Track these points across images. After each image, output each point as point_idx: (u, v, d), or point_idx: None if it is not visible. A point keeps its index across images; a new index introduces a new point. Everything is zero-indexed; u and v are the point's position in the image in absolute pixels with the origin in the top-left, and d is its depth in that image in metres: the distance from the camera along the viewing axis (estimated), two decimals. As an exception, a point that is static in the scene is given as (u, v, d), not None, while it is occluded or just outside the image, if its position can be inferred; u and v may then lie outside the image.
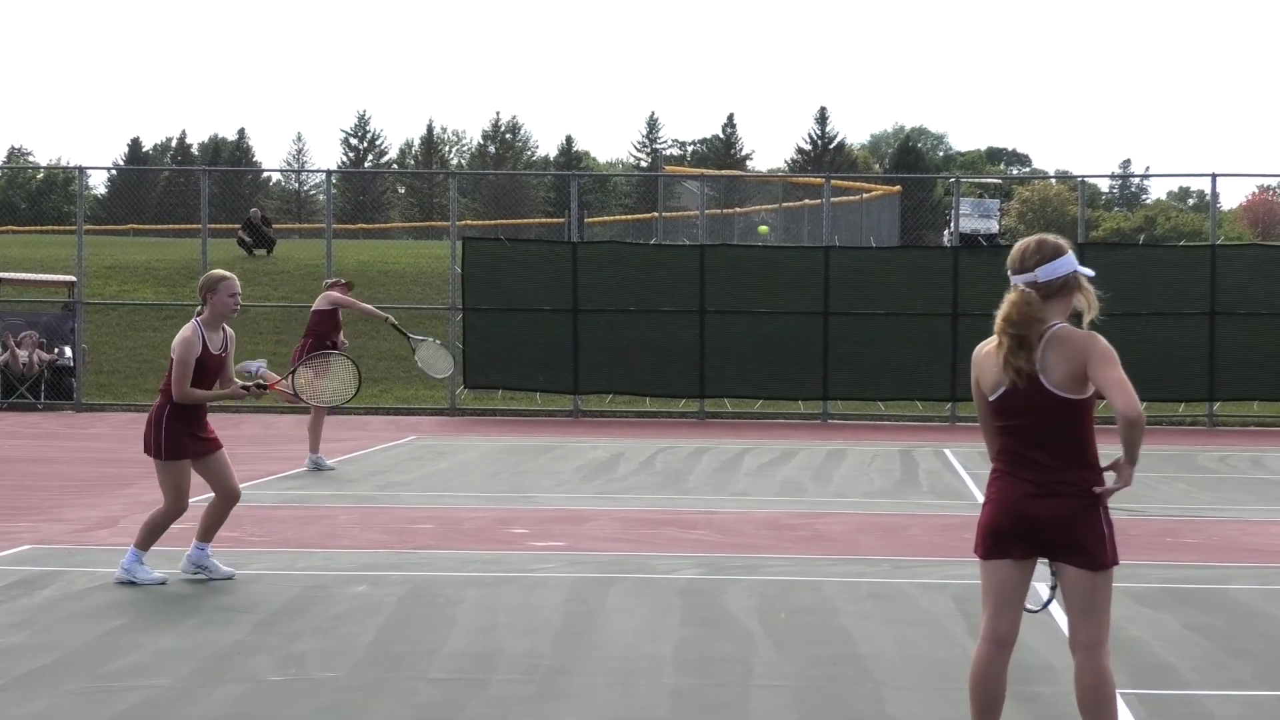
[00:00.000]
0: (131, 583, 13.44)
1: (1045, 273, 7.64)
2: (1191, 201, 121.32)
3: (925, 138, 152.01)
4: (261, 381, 14.06)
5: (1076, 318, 7.70)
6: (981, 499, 7.83)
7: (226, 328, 13.83)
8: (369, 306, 25.28)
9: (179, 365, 13.52)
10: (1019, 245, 7.83)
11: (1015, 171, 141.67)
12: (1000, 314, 7.67)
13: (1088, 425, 7.58)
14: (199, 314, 13.70)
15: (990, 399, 7.66)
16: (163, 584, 13.50)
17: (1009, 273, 7.78)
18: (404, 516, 18.27)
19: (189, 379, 13.52)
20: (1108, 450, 7.45)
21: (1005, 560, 7.65)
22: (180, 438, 13.54)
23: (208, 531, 13.86)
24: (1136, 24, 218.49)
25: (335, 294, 23.72)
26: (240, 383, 13.93)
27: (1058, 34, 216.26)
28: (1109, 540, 7.56)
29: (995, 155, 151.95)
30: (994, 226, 44.81)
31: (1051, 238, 7.79)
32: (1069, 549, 7.54)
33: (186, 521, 14.27)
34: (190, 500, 13.71)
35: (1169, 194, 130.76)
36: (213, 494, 13.90)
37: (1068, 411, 7.51)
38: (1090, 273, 7.73)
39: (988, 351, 7.72)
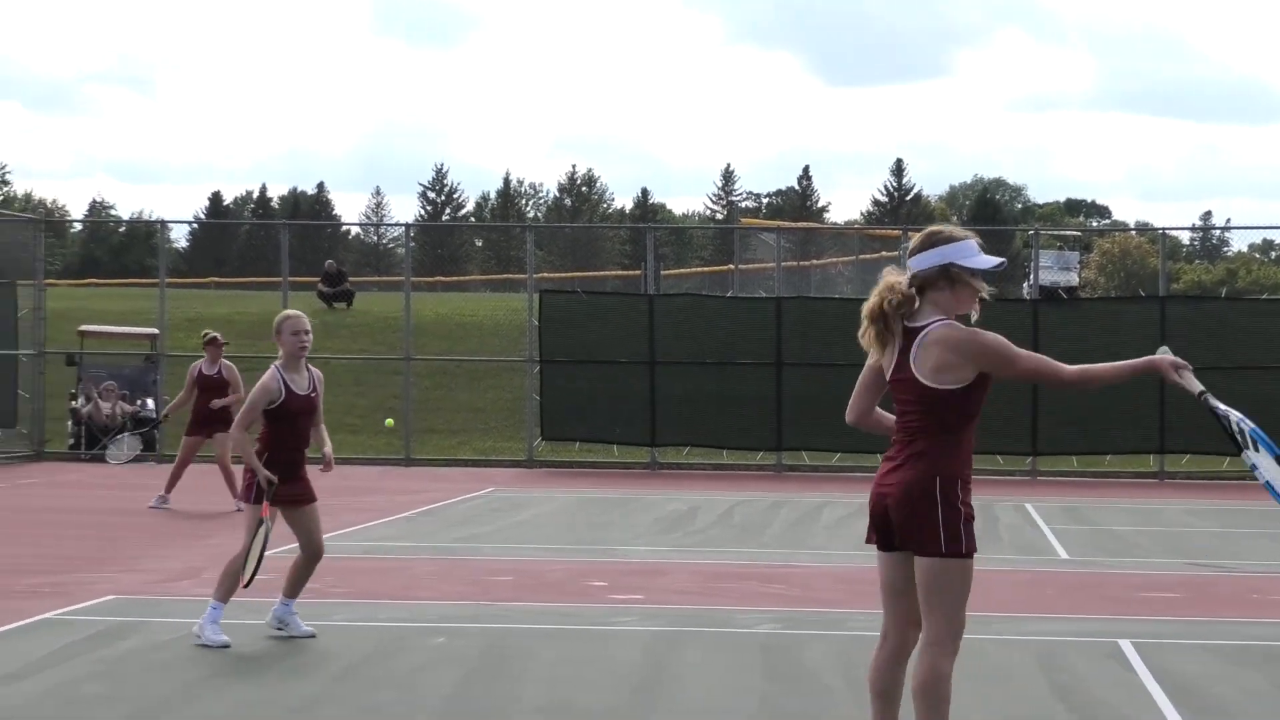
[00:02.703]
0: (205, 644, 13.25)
1: (915, 263, 7.66)
2: (1275, 254, 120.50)
3: (1003, 189, 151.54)
4: (275, 483, 13.58)
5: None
6: (1065, 554, 7.83)
7: (313, 369, 13.71)
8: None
9: (246, 405, 13.49)
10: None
11: (1095, 224, 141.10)
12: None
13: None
14: (279, 361, 13.66)
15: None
16: (228, 646, 13.15)
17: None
18: (483, 568, 18.27)
19: (251, 419, 13.41)
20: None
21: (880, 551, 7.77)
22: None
23: (294, 587, 13.80)
24: (1219, 74, 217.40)
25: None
26: (265, 472, 13.53)
27: (1133, 85, 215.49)
28: (948, 528, 7.47)
29: (1074, 207, 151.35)
30: (1074, 279, 44.55)
31: (938, 228, 7.80)
32: (908, 535, 7.52)
33: (271, 573, 14.30)
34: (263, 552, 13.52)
35: (1250, 246, 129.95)
36: (297, 548, 13.83)
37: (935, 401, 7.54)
38: (987, 263, 7.64)
39: None
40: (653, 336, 35.22)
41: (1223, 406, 7.57)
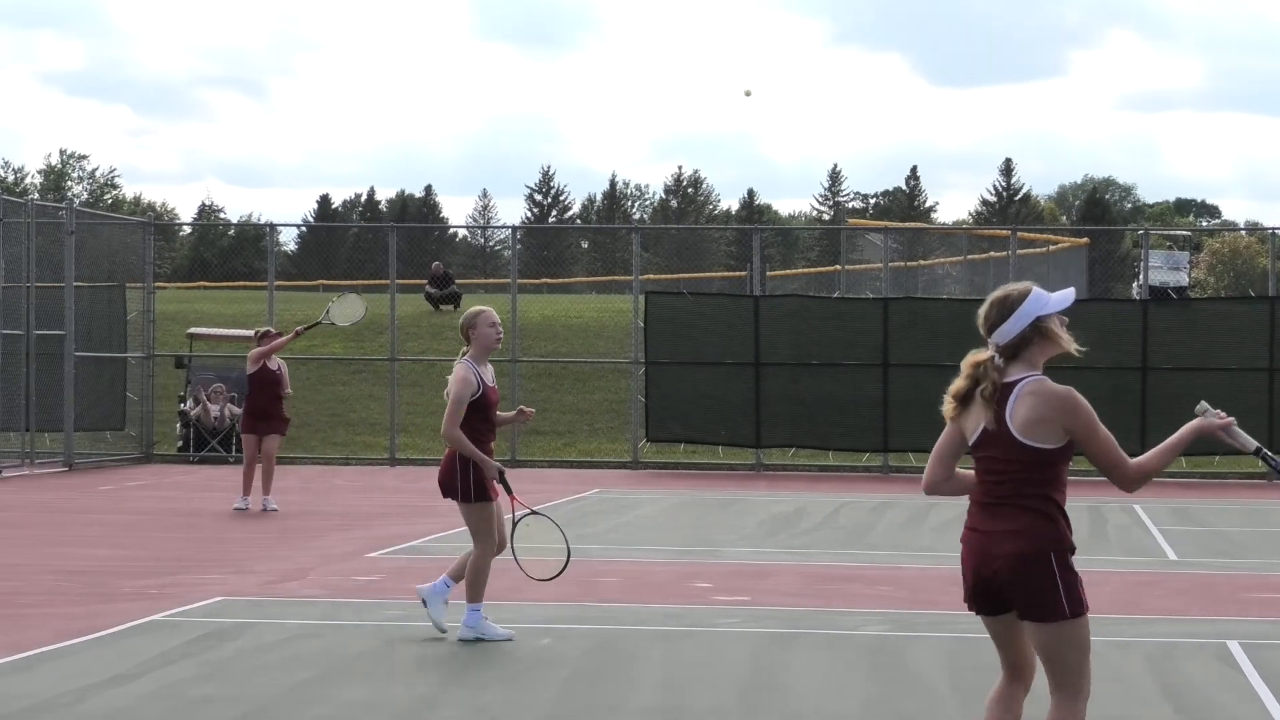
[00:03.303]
0: (481, 639, 13.34)
1: (1000, 335, 7.58)
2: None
3: (1113, 189, 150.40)
4: (505, 473, 13.76)
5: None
6: (1174, 555, 7.78)
7: (490, 365, 13.74)
8: (280, 340, 25.32)
9: (453, 402, 13.33)
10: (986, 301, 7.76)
11: (1204, 223, 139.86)
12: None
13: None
14: (465, 354, 13.61)
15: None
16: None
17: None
18: (589, 570, 18.29)
19: (461, 417, 13.33)
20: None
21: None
22: (483, 479, 13.36)
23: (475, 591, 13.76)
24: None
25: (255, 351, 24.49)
26: (495, 463, 13.67)
27: (1244, 84, 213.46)
28: (1064, 591, 7.41)
29: (1184, 207, 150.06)
30: (1184, 279, 44.31)
31: (1006, 292, 7.70)
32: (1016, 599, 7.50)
33: (377, 574, 14.38)
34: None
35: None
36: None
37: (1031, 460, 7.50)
38: (1064, 302, 7.63)
39: None
40: (758, 338, 35.16)
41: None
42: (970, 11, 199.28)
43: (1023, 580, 7.39)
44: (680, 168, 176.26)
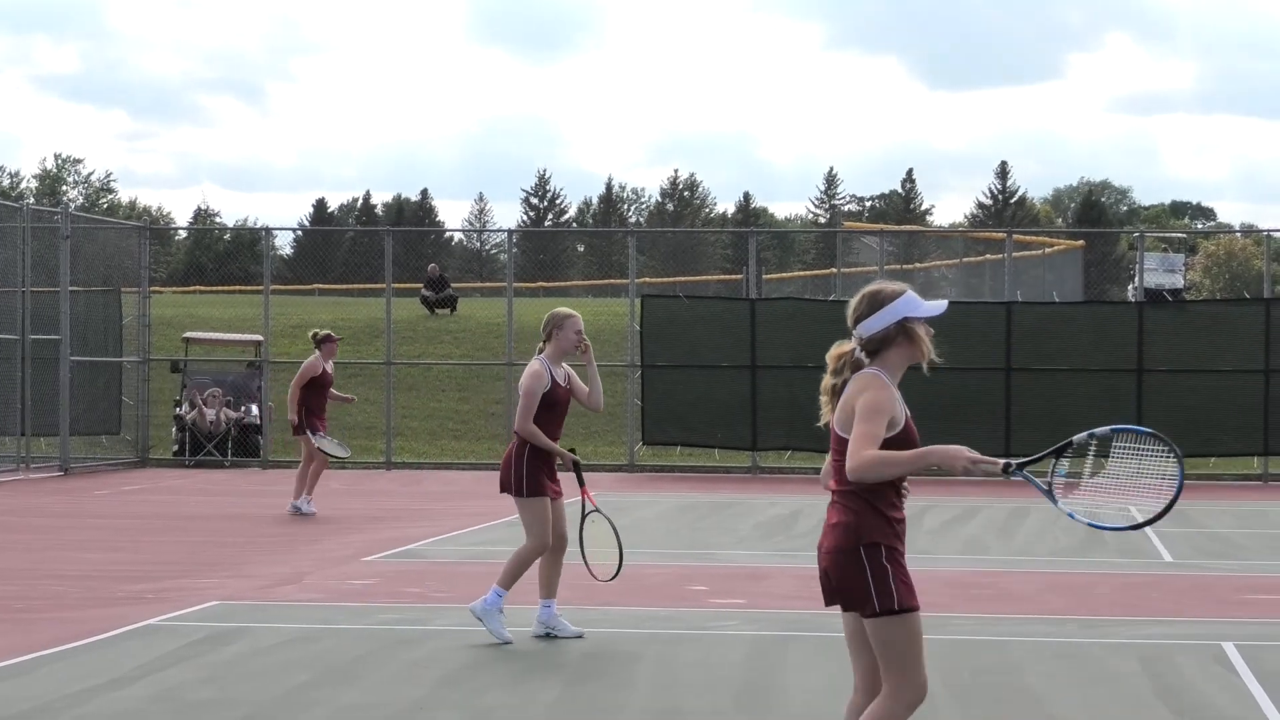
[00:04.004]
0: (482, 624, 13.50)
1: (865, 328, 7.53)
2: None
3: (1109, 191, 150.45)
4: (580, 465, 14.03)
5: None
6: (1169, 557, 7.79)
7: (566, 365, 13.99)
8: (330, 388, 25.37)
9: (525, 397, 13.68)
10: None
11: (1200, 226, 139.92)
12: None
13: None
14: (541, 351, 13.90)
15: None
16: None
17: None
18: (585, 573, 18.26)
19: (534, 411, 13.65)
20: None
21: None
22: (539, 475, 13.68)
23: (549, 586, 13.96)
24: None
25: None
26: (569, 454, 13.95)
27: (1241, 87, 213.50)
28: (875, 586, 7.43)
29: (1179, 209, 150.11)
30: (1179, 281, 44.28)
31: (880, 287, 7.67)
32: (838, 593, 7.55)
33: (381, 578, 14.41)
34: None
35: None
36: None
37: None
38: (934, 310, 7.56)
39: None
40: (754, 341, 35.19)
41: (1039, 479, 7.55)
42: (967, 14, 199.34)
43: (838, 574, 7.44)
44: (676, 171, 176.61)
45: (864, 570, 7.37)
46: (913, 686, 7.43)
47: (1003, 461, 7.40)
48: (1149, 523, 7.45)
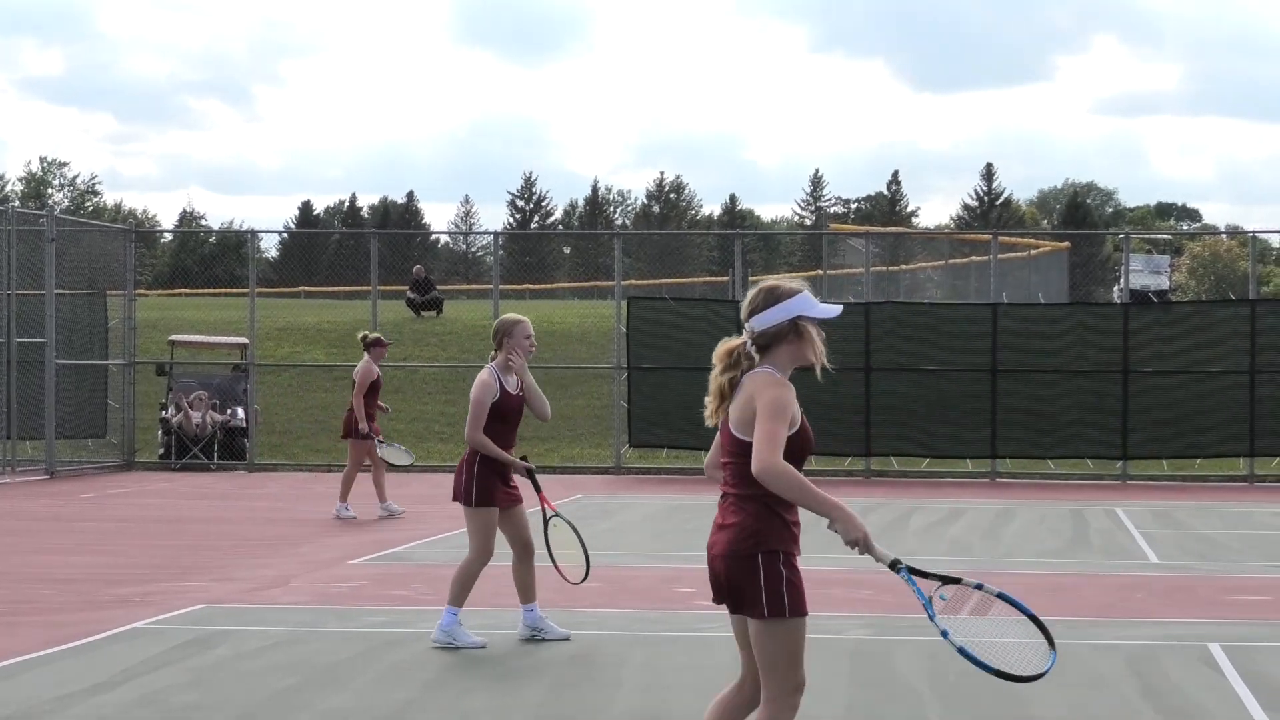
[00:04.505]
0: (453, 646, 13.42)
1: (759, 322, 7.51)
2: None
3: (1095, 193, 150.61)
4: (534, 472, 14.05)
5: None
6: (1155, 558, 7.78)
7: (523, 373, 13.87)
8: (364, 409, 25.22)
9: (474, 406, 13.62)
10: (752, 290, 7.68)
11: (1185, 227, 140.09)
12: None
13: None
14: (493, 359, 13.80)
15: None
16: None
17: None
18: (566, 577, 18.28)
19: (483, 422, 13.57)
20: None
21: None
22: (490, 485, 13.62)
23: (526, 591, 13.94)
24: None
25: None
26: (521, 463, 13.92)
27: (1226, 89, 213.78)
28: (766, 590, 7.41)
29: (1165, 211, 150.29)
30: (1165, 283, 44.29)
31: (778, 283, 7.62)
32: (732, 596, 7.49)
33: (359, 581, 14.38)
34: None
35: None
36: (511, 553, 13.94)
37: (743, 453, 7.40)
38: (829, 313, 7.56)
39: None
40: (740, 343, 35.11)
41: (919, 580, 7.57)
42: (953, 17, 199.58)
43: (731, 576, 7.42)
44: (662, 173, 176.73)
45: (758, 575, 7.37)
46: (792, 687, 7.46)
47: (892, 557, 7.45)
48: (1013, 678, 7.49)
